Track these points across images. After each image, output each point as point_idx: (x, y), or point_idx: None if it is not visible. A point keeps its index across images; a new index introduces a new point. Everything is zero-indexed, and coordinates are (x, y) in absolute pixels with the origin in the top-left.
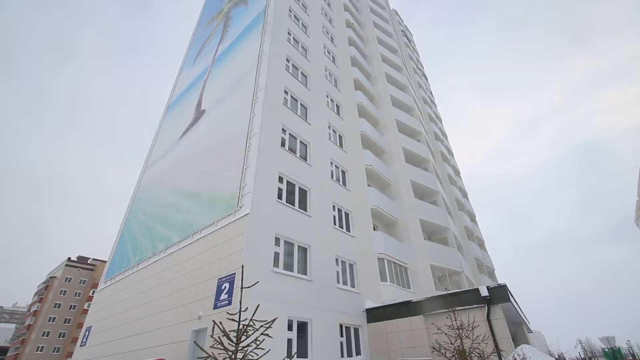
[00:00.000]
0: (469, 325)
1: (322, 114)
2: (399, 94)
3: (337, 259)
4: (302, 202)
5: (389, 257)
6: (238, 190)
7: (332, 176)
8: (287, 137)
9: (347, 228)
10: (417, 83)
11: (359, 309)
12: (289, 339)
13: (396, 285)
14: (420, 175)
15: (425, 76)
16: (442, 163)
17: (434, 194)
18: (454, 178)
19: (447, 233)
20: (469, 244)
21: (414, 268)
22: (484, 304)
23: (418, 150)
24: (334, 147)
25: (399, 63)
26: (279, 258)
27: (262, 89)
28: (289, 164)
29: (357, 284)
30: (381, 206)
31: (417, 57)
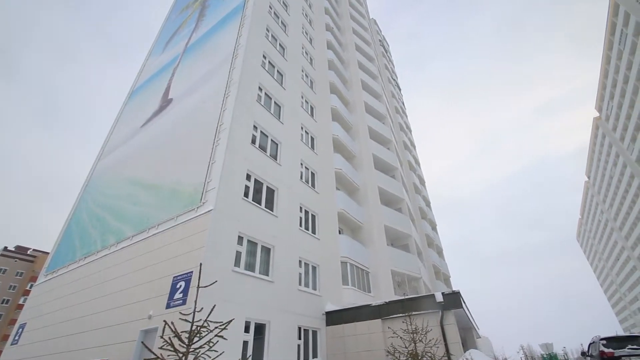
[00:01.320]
0: (423, 329)
1: (295, 114)
2: (372, 102)
3: (301, 260)
4: (269, 201)
5: (352, 261)
6: (202, 186)
7: (301, 177)
8: (258, 135)
9: (312, 230)
10: (391, 92)
11: (319, 312)
12: (245, 341)
13: (357, 289)
14: (387, 183)
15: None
16: (409, 172)
17: (400, 202)
18: (419, 187)
19: (409, 240)
20: (429, 251)
21: (375, 272)
22: (439, 310)
23: (387, 158)
24: (305, 149)
25: (375, 71)
26: (240, 257)
27: (236, 83)
28: (258, 162)
29: (318, 286)
30: (348, 210)
31: (392, 68)
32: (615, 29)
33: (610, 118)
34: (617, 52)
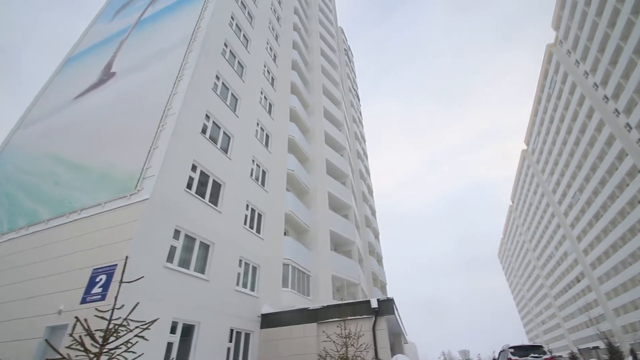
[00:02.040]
0: (356, 334)
1: (252, 109)
2: (331, 108)
3: (242, 260)
4: (214, 196)
5: (295, 263)
6: (140, 172)
7: (251, 174)
8: (210, 125)
9: (257, 229)
10: (350, 101)
11: (255, 314)
12: (170, 343)
13: (296, 292)
14: (338, 189)
15: (358, 97)
16: (359, 180)
17: (347, 208)
18: (367, 196)
19: (352, 247)
20: (370, 259)
21: (316, 276)
22: (372, 315)
23: (340, 165)
24: (259, 145)
25: (337, 78)
26: (175, 253)
27: (191, 67)
28: (207, 154)
29: (257, 287)
30: (296, 212)
31: (353, 78)
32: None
33: (535, 152)
34: (547, 95)
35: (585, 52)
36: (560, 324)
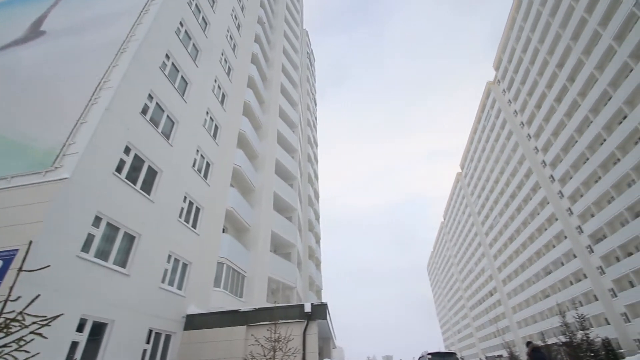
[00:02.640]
0: (286, 338)
1: (203, 97)
2: (287, 108)
3: (171, 255)
4: (148, 183)
5: (230, 262)
6: (61, 147)
7: (194, 165)
8: (152, 106)
9: (193, 224)
10: (307, 105)
11: (179, 314)
12: (75, 342)
13: (228, 292)
14: (284, 190)
15: (315, 101)
16: (307, 184)
17: (292, 211)
18: (313, 200)
19: (292, 249)
20: (309, 262)
21: (252, 277)
22: (305, 320)
23: (289, 166)
24: (205, 136)
25: (296, 80)
26: (92, 242)
27: (138, 40)
28: (145, 136)
29: (185, 286)
30: (238, 210)
31: (312, 82)
32: (485, 108)
33: (467, 176)
34: (482, 127)
35: (517, 94)
36: (473, 333)
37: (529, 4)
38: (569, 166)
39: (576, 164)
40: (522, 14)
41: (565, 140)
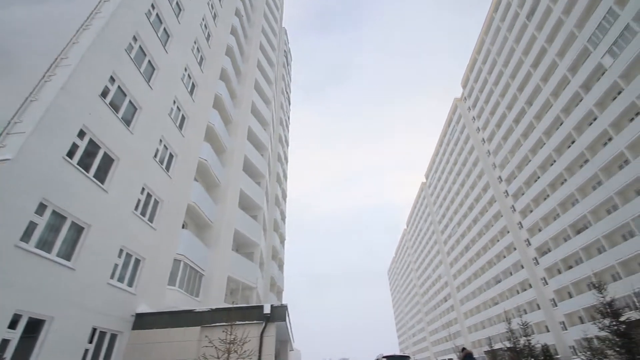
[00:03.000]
0: (242, 340)
1: (171, 84)
2: (260, 105)
3: (123, 250)
4: (103, 171)
5: (188, 260)
6: (4, 125)
7: (155, 155)
8: (113, 89)
9: (150, 218)
10: (281, 103)
11: (128, 313)
12: (6, 340)
13: (184, 291)
14: (251, 188)
15: (289, 101)
16: (275, 183)
17: (258, 210)
18: (280, 200)
19: (256, 249)
20: (271, 263)
21: (210, 276)
22: (263, 321)
23: (258, 164)
24: (171, 125)
25: (272, 77)
26: (34, 231)
27: (104, 18)
28: (103, 121)
29: (136, 283)
30: (200, 205)
31: (288, 81)
32: (451, 122)
33: (431, 186)
34: (447, 140)
35: (480, 112)
36: (427, 337)
37: (496, 30)
38: (522, 183)
39: (528, 182)
40: (490, 38)
41: (520, 159)
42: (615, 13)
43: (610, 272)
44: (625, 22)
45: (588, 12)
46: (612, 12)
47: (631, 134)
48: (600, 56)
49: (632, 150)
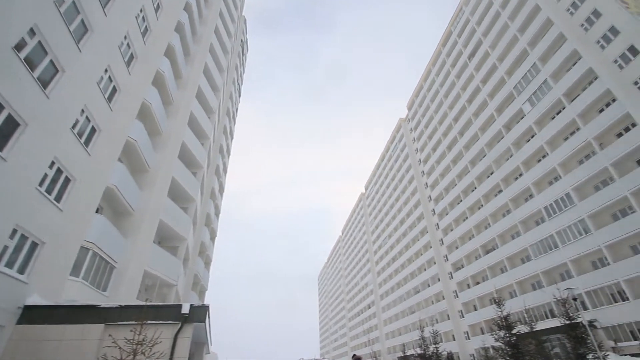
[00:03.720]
0: (152, 341)
1: (106, 50)
2: (207, 91)
3: (17, 230)
4: (4, 136)
5: (99, 249)
6: None
7: (74, 126)
8: (32, 44)
9: (57, 197)
10: (230, 94)
11: (13, 304)
12: None
13: (89, 284)
14: (185, 177)
15: (240, 93)
16: (213, 176)
17: (190, 201)
18: (216, 194)
19: (182, 243)
20: (197, 260)
21: (123, 269)
22: (180, 322)
23: (197, 153)
24: (98, 96)
25: (224, 64)
26: None
27: None
28: (12, 76)
29: (30, 270)
30: (122, 189)
31: (241, 72)
32: (394, 140)
33: (369, 197)
34: (389, 156)
35: (420, 135)
36: (347, 342)
37: (442, 63)
38: (447, 204)
39: (452, 203)
40: (436, 68)
41: (448, 182)
42: (538, 68)
43: (508, 289)
44: (545, 77)
45: (517, 63)
46: (535, 66)
47: (537, 173)
48: (522, 102)
49: (536, 186)
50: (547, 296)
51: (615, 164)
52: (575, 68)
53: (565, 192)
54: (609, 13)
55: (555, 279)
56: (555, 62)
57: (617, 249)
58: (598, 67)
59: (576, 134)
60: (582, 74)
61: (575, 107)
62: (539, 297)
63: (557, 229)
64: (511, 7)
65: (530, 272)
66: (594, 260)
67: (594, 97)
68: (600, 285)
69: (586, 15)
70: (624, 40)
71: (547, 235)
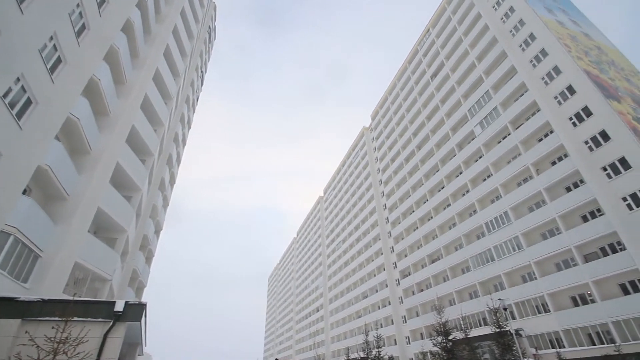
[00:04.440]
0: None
1: (53, 17)
2: (167, 74)
3: None
4: None
5: (22, 235)
6: None
7: (5, 95)
8: None
9: None
10: (192, 81)
11: None
12: None
13: (7, 274)
14: (133, 164)
15: (202, 81)
16: (165, 165)
17: (135, 191)
18: (165, 185)
19: (121, 235)
20: (138, 254)
21: (50, 259)
22: (111, 320)
23: (148, 139)
24: (39, 64)
25: (187, 49)
26: None
27: None
28: None
29: None
30: (57, 170)
31: (206, 59)
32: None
33: (327, 201)
34: (350, 162)
35: (381, 145)
36: (292, 345)
37: (407, 79)
38: (400, 213)
39: (405, 213)
40: (401, 83)
41: (403, 192)
42: (490, 95)
43: (448, 298)
44: (495, 105)
45: (473, 88)
46: (488, 94)
47: (482, 191)
48: (474, 125)
49: (480, 203)
50: (481, 305)
51: (547, 188)
52: (522, 99)
53: (504, 211)
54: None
55: (490, 290)
56: (505, 91)
57: (543, 265)
58: (541, 101)
59: (517, 159)
60: (527, 106)
61: (519, 134)
62: (475, 306)
63: (495, 244)
64: (472, 36)
65: (469, 282)
66: (524, 274)
67: (535, 127)
68: (527, 298)
69: (535, 53)
70: (565, 79)
71: (485, 249)
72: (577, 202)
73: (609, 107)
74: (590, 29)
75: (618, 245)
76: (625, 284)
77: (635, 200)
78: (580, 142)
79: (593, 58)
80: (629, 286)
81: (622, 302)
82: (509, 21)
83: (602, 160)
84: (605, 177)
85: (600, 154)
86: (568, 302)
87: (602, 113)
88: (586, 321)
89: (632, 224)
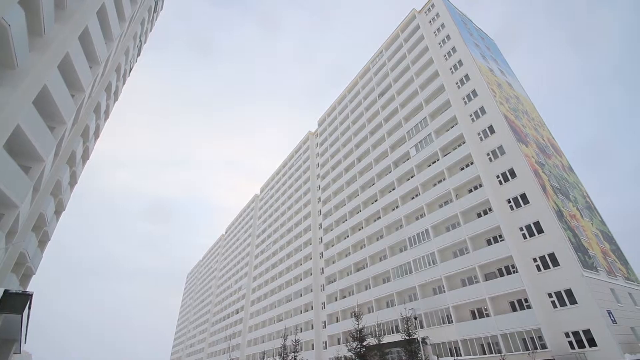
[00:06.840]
0: None
1: None
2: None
3: None
4: None
5: None
6: None
7: None
8: None
9: None
10: (127, 49)
11: None
12: None
13: None
14: (37, 130)
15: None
16: (79, 137)
17: (37, 161)
18: (77, 159)
19: (10, 212)
20: (29, 235)
21: None
22: None
23: (62, 105)
24: None
25: (127, 14)
26: None
27: None
28: None
29: None
30: None
31: (148, 28)
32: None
33: (262, 200)
34: (291, 164)
35: (324, 151)
36: (205, 349)
37: (356, 93)
38: (333, 220)
39: (339, 221)
40: (350, 96)
41: (339, 201)
42: (427, 122)
43: (368, 305)
44: (430, 131)
45: (413, 113)
46: (425, 120)
47: (409, 208)
48: (410, 147)
49: (406, 219)
50: (396, 314)
51: (463, 212)
52: (452, 130)
53: (426, 228)
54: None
55: (405, 300)
56: (440, 121)
57: (452, 280)
58: (467, 135)
59: (442, 183)
60: (456, 137)
61: (446, 161)
62: (390, 314)
63: (414, 258)
64: (418, 66)
65: (388, 292)
66: (435, 287)
67: (460, 157)
68: (435, 309)
69: (467, 92)
70: (488, 119)
71: (406, 262)
72: (485, 227)
73: (518, 149)
74: (513, 80)
75: (512, 267)
76: (514, 302)
77: (529, 231)
78: (492, 175)
79: (512, 105)
80: (516, 304)
81: (510, 317)
82: (451, 59)
83: (508, 194)
84: (509, 209)
85: (507, 189)
86: (468, 315)
87: (513, 153)
88: (480, 333)
89: (524, 251)
